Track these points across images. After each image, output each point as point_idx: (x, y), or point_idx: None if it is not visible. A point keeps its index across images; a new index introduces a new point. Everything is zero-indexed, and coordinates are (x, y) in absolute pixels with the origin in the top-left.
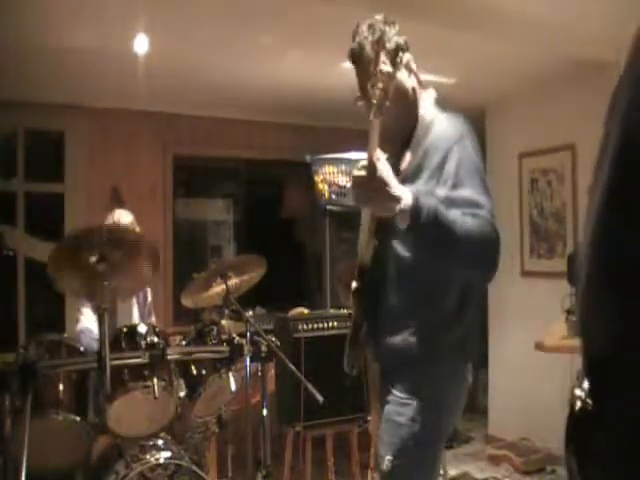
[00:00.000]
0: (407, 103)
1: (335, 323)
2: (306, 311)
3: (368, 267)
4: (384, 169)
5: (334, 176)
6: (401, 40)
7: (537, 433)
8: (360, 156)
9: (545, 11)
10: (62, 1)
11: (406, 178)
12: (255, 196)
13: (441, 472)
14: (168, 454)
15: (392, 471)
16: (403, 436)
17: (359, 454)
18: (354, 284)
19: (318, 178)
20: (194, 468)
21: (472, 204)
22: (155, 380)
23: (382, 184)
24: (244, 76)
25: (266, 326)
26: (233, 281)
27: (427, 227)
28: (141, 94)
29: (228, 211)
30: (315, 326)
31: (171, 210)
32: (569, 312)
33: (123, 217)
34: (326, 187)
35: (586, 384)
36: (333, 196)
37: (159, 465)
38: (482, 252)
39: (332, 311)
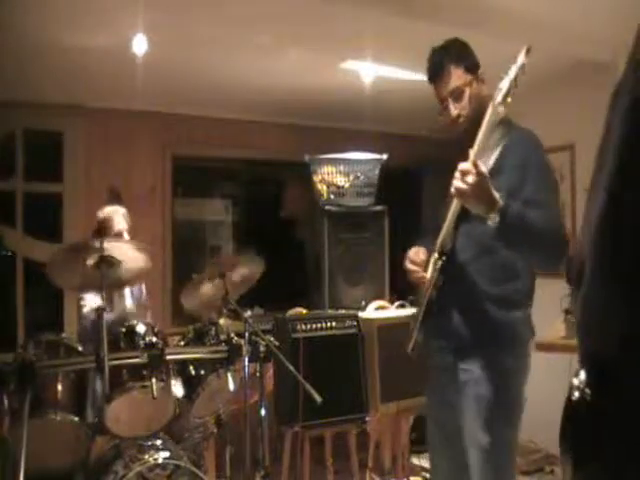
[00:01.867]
0: (483, 111)
1: (334, 323)
2: (304, 311)
3: (450, 251)
4: (486, 174)
5: (333, 176)
6: (476, 58)
7: (537, 433)
8: (359, 156)
9: (545, 11)
10: (62, 1)
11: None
12: (254, 196)
13: None
14: (167, 454)
15: (495, 443)
16: (496, 410)
17: (358, 454)
18: (430, 267)
19: (317, 178)
20: (192, 468)
21: (547, 204)
22: (154, 380)
23: (484, 186)
24: (244, 76)
25: (264, 326)
26: (231, 280)
27: (512, 227)
28: (140, 94)
29: (227, 211)
30: (314, 326)
31: (170, 210)
32: (568, 312)
33: (115, 212)
34: (325, 187)
35: (583, 374)
36: (332, 196)
37: (157, 465)
38: (553, 247)
39: (330, 311)
